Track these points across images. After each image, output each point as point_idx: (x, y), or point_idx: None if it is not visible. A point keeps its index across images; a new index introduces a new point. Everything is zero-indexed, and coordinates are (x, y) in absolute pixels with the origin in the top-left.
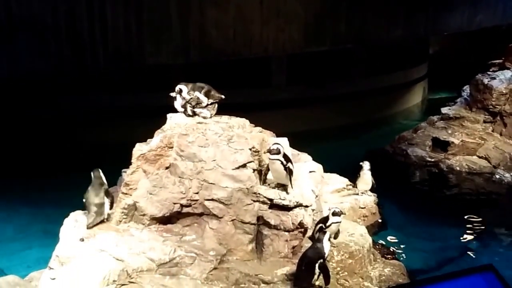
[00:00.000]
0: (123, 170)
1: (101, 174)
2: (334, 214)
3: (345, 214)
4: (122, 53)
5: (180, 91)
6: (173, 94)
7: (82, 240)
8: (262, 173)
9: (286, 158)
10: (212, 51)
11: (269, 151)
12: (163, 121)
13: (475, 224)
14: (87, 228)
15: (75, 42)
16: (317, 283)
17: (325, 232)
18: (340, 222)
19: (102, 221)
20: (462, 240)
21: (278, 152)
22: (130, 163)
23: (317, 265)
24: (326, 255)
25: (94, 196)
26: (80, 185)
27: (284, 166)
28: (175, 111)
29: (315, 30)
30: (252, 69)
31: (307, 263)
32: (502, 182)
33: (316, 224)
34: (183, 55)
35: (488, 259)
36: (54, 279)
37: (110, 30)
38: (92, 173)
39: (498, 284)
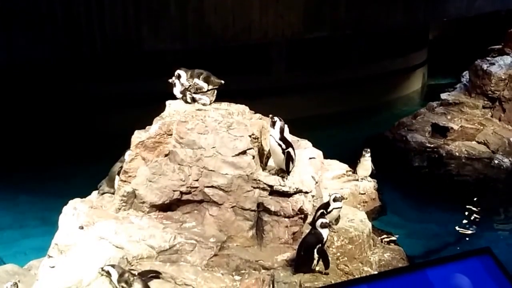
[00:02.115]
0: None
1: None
2: (335, 200)
3: (346, 198)
4: (119, 39)
5: (179, 76)
6: (171, 80)
7: (82, 228)
8: (262, 159)
9: (287, 142)
10: (211, 36)
11: (271, 117)
12: (162, 108)
13: (474, 209)
14: (98, 193)
15: (72, 28)
16: (317, 268)
17: (322, 217)
18: (341, 207)
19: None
20: (461, 225)
21: (272, 125)
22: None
23: (315, 250)
24: (325, 240)
25: (112, 171)
26: (79, 174)
27: (283, 149)
28: (175, 98)
29: (314, 16)
30: (251, 55)
31: (306, 248)
32: (500, 167)
33: (317, 210)
34: (181, 41)
35: (487, 243)
36: (53, 267)
37: (107, 16)
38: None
39: (495, 267)
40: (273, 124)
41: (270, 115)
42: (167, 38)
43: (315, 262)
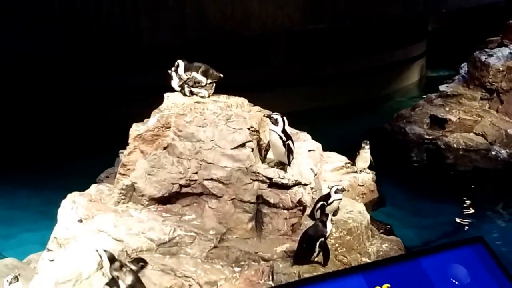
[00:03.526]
0: (120, 151)
1: None
2: (336, 191)
3: (348, 190)
4: (117, 33)
5: (177, 68)
6: (171, 71)
7: (81, 221)
8: (262, 151)
9: (287, 135)
10: (210, 29)
11: (268, 116)
12: (160, 101)
13: (471, 200)
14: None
15: (68, 22)
16: (316, 259)
17: (327, 214)
18: (341, 199)
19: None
20: (459, 215)
21: (275, 122)
22: (127, 144)
23: (317, 243)
24: (327, 235)
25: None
26: (77, 167)
27: (284, 142)
28: (173, 90)
29: (313, 8)
30: (251, 47)
31: (308, 241)
32: (498, 159)
33: (317, 202)
34: (180, 33)
35: (484, 233)
36: (52, 260)
37: (104, 9)
38: None
39: (487, 255)
40: (275, 122)
41: (267, 115)
42: (165, 31)
43: (315, 254)
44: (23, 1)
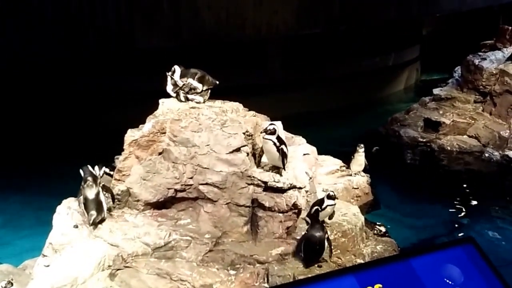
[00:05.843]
0: (116, 156)
1: None
2: (329, 197)
3: (337, 198)
4: (112, 36)
5: (173, 73)
6: (168, 74)
7: (76, 227)
8: (256, 156)
9: (280, 140)
10: (205, 33)
11: (265, 131)
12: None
13: (465, 202)
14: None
15: (63, 25)
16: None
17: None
18: (334, 204)
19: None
20: (453, 217)
21: (273, 133)
22: (123, 150)
23: (326, 240)
24: None
25: None
26: (72, 173)
27: (277, 147)
28: (169, 95)
29: (308, 12)
30: (247, 52)
31: (319, 242)
32: (491, 161)
33: (312, 206)
34: (175, 37)
35: (478, 234)
36: (48, 266)
37: (99, 12)
38: None
39: (477, 256)
40: (272, 132)
41: (263, 130)
42: (160, 35)
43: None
44: (23, 1)
